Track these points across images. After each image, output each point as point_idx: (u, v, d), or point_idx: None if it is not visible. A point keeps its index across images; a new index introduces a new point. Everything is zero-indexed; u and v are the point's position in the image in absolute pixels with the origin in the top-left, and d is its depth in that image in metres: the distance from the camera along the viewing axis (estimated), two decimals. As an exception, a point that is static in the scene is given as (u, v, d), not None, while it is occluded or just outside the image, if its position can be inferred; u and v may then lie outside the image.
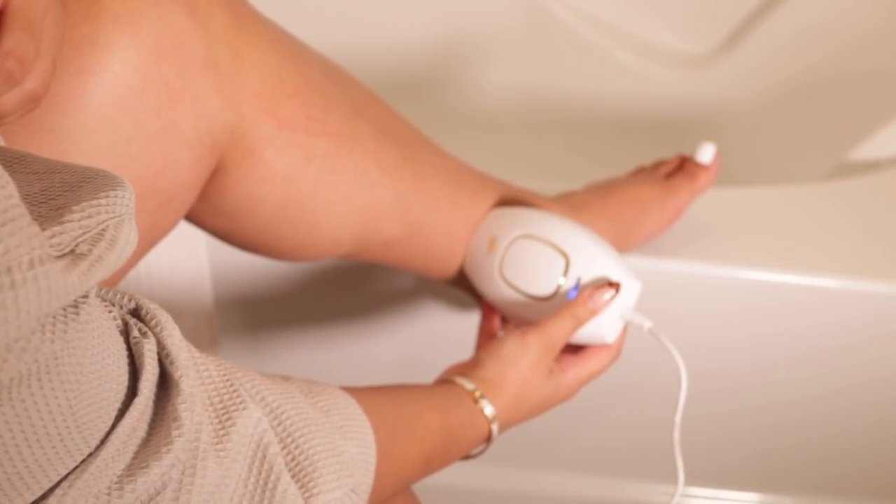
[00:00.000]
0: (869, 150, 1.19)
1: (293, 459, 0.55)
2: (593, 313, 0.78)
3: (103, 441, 0.44)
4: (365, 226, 0.80)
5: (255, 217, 0.75)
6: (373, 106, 0.82)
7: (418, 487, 0.76)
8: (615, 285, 0.79)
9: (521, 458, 1.14)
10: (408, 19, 1.51)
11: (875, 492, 1.14)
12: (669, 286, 0.99)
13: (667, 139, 1.46)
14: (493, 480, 1.15)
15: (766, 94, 1.46)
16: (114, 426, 0.45)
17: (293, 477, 0.55)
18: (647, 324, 0.80)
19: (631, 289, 0.80)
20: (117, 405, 0.45)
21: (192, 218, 0.76)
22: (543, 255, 0.82)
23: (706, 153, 0.96)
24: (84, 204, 0.42)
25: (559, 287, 0.81)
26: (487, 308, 0.88)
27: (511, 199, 0.89)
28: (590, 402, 1.09)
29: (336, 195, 0.77)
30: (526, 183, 0.93)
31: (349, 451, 0.60)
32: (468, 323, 0.99)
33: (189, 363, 0.50)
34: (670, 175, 0.98)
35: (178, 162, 0.68)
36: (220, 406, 0.52)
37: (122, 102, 0.64)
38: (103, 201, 0.43)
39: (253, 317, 1.06)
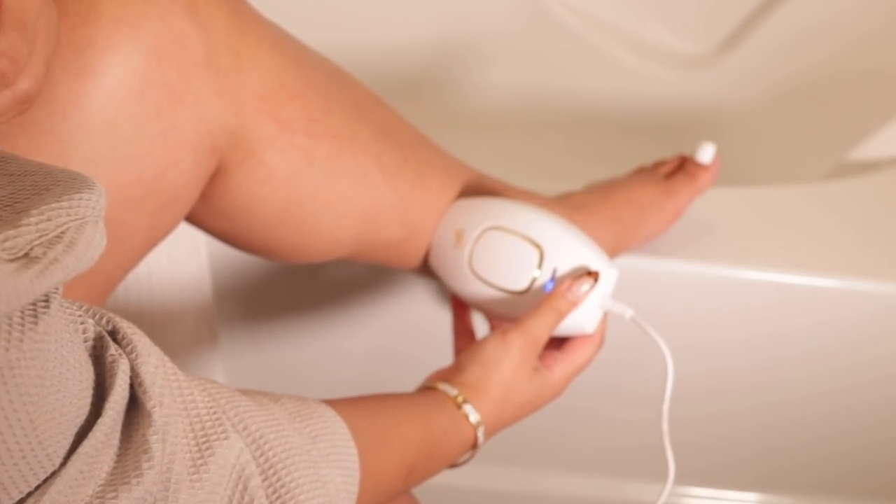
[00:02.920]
0: (869, 150, 1.19)
1: (275, 492, 0.54)
2: (573, 305, 0.77)
3: (65, 461, 0.43)
4: (366, 227, 0.80)
5: (256, 219, 0.75)
6: (374, 107, 0.82)
7: (417, 487, 0.76)
8: (594, 275, 0.77)
9: (521, 458, 1.14)
10: (408, 19, 1.51)
11: (875, 492, 1.14)
12: (669, 286, 0.99)
13: (667, 139, 1.46)
14: (492, 480, 1.15)
15: (766, 94, 1.45)
16: (77, 446, 0.44)
17: None
18: (629, 312, 0.78)
19: (608, 277, 0.78)
20: (78, 422, 0.44)
21: (192, 219, 0.76)
22: (515, 247, 0.80)
23: (706, 153, 0.96)
24: (44, 207, 0.42)
25: (534, 280, 0.79)
26: (458, 305, 0.87)
27: (476, 188, 0.87)
28: (589, 402, 1.09)
29: (337, 197, 0.77)
30: (526, 183, 0.93)
31: (334, 480, 0.58)
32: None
33: (164, 391, 0.49)
34: (670, 175, 0.97)
35: (178, 164, 0.68)
36: (200, 434, 0.50)
37: (123, 104, 0.64)
38: (65, 204, 0.43)
39: (253, 315, 1.06)
